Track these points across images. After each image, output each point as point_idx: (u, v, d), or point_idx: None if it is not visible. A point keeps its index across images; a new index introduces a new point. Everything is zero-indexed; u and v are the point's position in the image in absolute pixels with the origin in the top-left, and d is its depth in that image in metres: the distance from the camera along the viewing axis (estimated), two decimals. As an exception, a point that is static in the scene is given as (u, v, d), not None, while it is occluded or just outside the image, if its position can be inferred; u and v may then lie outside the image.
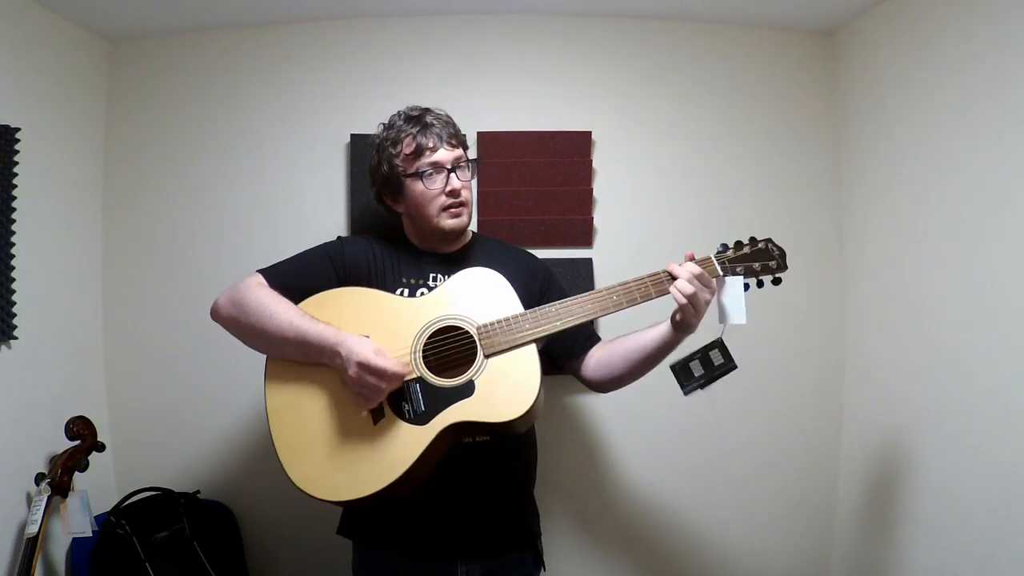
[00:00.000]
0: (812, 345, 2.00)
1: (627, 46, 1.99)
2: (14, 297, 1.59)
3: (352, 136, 1.91)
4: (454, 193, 1.41)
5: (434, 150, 1.40)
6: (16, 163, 1.59)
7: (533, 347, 1.30)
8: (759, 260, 1.35)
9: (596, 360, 1.51)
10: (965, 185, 1.53)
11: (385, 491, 1.25)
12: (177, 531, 1.72)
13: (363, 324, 1.33)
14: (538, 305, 1.38)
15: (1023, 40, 1.38)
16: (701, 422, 1.97)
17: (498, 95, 1.96)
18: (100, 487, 1.82)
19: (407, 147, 1.42)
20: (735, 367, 1.42)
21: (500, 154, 1.91)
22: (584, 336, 1.53)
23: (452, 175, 1.41)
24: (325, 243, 1.52)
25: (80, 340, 1.87)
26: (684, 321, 1.32)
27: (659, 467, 1.97)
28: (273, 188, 1.96)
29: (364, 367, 1.23)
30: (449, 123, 1.47)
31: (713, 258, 1.36)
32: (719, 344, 1.42)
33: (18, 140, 1.59)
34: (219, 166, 1.96)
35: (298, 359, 1.33)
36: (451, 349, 1.33)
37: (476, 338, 1.30)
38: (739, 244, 1.38)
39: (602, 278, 1.93)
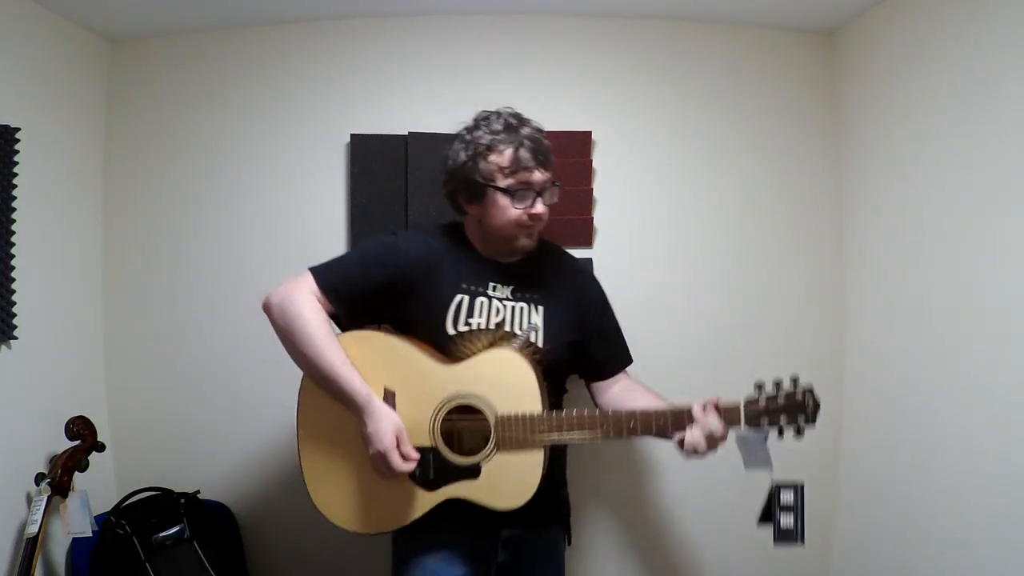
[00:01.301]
0: (812, 345, 2.00)
1: (627, 46, 1.99)
2: (14, 297, 1.59)
3: (352, 136, 1.91)
4: (536, 217, 1.41)
5: (530, 171, 1.38)
6: (16, 163, 1.59)
7: (542, 451, 1.32)
8: (789, 413, 1.28)
9: (611, 397, 1.53)
10: (965, 184, 1.53)
11: (384, 534, 1.40)
12: (177, 531, 1.72)
13: (393, 376, 1.36)
14: (593, 332, 1.50)
15: (1022, 40, 1.38)
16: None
17: (498, 95, 1.95)
18: (100, 487, 1.82)
19: (505, 159, 1.38)
20: (803, 483, 1.35)
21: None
22: (615, 361, 1.57)
23: (539, 199, 1.41)
24: (380, 243, 1.48)
25: (80, 340, 1.87)
26: (687, 457, 1.33)
27: (658, 464, 1.98)
28: (273, 188, 1.96)
29: (380, 458, 1.29)
30: (544, 142, 1.43)
31: (742, 410, 1.30)
32: (775, 491, 1.36)
33: (18, 140, 1.59)
34: (219, 166, 1.96)
35: (326, 393, 1.37)
36: (467, 426, 1.36)
37: (492, 428, 1.33)
38: (777, 388, 1.30)
39: (602, 278, 1.92)
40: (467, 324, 1.41)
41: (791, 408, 1.28)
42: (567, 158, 1.93)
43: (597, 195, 1.96)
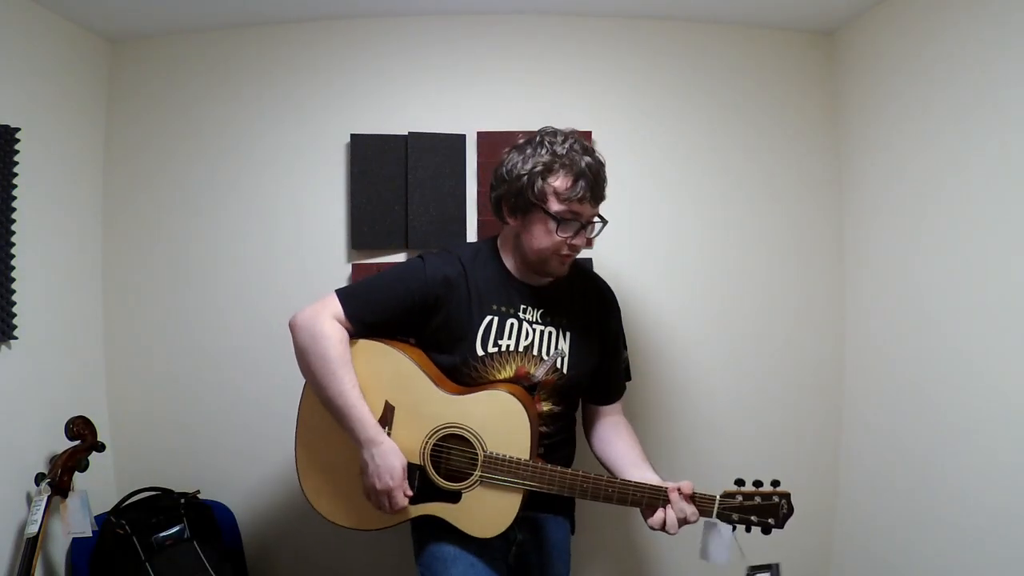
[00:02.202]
0: (812, 345, 2.00)
1: (627, 46, 1.99)
2: (14, 297, 1.60)
3: (352, 136, 1.91)
4: (575, 248, 1.40)
5: (582, 202, 1.37)
6: (16, 163, 1.59)
7: (520, 495, 1.36)
8: (761, 515, 1.32)
9: (598, 430, 1.56)
10: (965, 185, 1.53)
11: (361, 531, 1.46)
12: (177, 531, 1.72)
13: (395, 392, 1.40)
14: (606, 362, 1.53)
15: (1022, 40, 1.38)
16: (701, 421, 1.97)
17: (498, 95, 1.96)
18: (100, 487, 1.82)
19: (560, 184, 1.36)
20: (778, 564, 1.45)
21: (500, 154, 1.90)
22: (614, 392, 1.59)
23: (583, 231, 1.40)
24: (407, 268, 1.48)
25: (80, 340, 1.87)
26: (651, 528, 1.35)
27: (658, 465, 1.97)
28: (273, 188, 1.96)
29: (385, 492, 1.33)
30: (603, 175, 1.42)
31: (717, 503, 1.33)
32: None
33: (18, 140, 1.59)
34: (219, 166, 1.96)
35: (331, 416, 1.39)
36: (456, 454, 1.38)
37: (480, 463, 1.36)
38: (758, 485, 1.34)
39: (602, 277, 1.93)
40: (496, 345, 1.43)
41: (764, 510, 1.32)
42: (567, 158, 1.93)
43: (597, 195, 1.96)
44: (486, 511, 1.36)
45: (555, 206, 1.37)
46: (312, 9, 1.90)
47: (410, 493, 1.35)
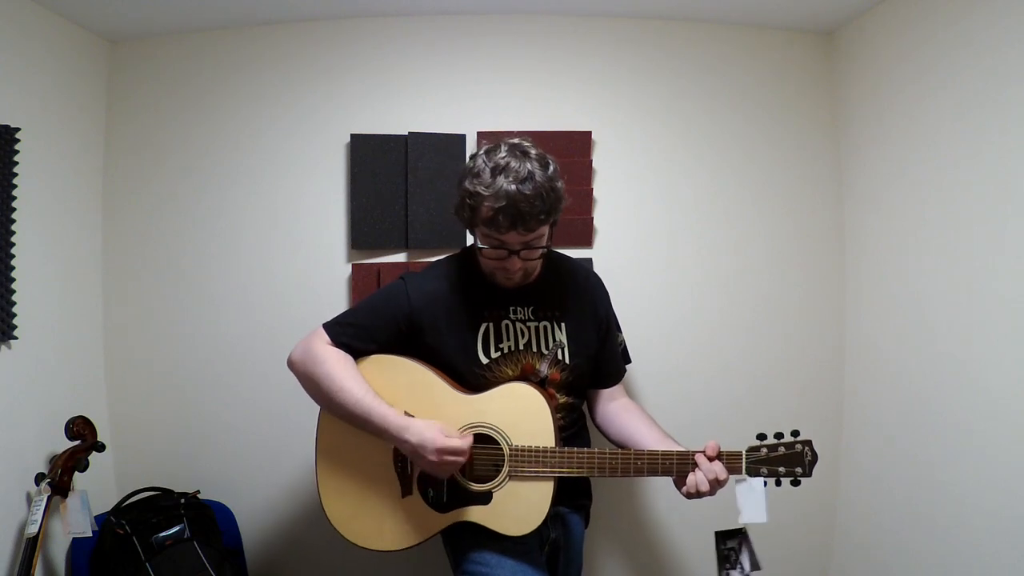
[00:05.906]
0: (812, 344, 2.00)
1: (627, 46, 1.99)
2: (14, 297, 1.59)
3: (352, 136, 1.91)
4: (507, 273, 1.40)
5: (504, 232, 1.32)
6: (16, 163, 1.59)
7: (552, 482, 1.35)
8: (788, 464, 1.34)
9: (609, 415, 1.56)
10: (965, 184, 1.53)
11: (390, 553, 1.43)
12: (177, 531, 1.72)
13: (412, 402, 1.39)
14: (602, 344, 1.53)
15: (1022, 40, 1.38)
16: (701, 422, 1.97)
17: (498, 95, 1.96)
18: (100, 487, 1.82)
19: (484, 213, 1.32)
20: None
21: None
22: (615, 375, 1.61)
23: (514, 256, 1.36)
24: (390, 292, 1.48)
25: (80, 340, 1.87)
26: (687, 496, 1.36)
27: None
28: (273, 188, 1.96)
29: (444, 451, 1.30)
30: (537, 203, 1.30)
31: (744, 458, 1.35)
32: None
33: (18, 140, 1.59)
34: (219, 166, 1.96)
35: (358, 428, 1.39)
36: (482, 454, 1.38)
37: (506, 458, 1.36)
38: (779, 437, 1.35)
39: (602, 278, 1.93)
40: (498, 349, 1.44)
41: (791, 459, 1.34)
42: (567, 158, 1.93)
43: (597, 195, 1.96)
44: (519, 507, 1.36)
45: (482, 233, 1.37)
46: (312, 9, 1.90)
47: (467, 442, 1.32)
